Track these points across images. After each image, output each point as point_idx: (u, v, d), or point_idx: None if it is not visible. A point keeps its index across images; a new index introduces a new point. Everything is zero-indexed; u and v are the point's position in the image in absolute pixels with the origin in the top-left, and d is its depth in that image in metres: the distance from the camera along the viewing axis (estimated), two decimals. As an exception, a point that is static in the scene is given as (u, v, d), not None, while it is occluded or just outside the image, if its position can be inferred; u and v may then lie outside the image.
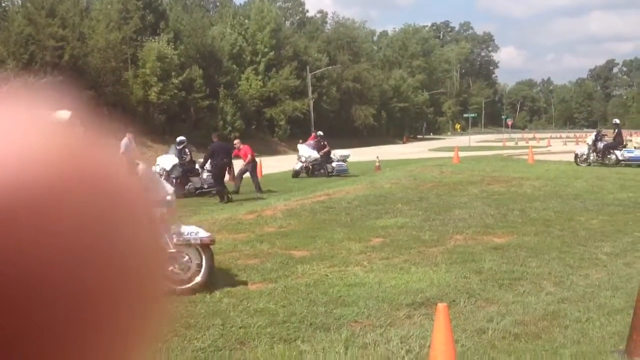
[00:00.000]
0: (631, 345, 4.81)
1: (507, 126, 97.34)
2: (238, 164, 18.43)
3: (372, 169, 25.19)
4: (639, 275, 5.08)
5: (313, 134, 26.65)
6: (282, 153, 49.88)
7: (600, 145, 23.26)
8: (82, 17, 42.67)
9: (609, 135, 24.38)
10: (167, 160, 18.85)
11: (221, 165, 16.43)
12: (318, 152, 23.90)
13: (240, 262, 8.21)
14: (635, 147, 24.29)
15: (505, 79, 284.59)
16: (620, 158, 23.00)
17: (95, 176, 0.27)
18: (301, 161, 23.76)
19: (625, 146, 23.70)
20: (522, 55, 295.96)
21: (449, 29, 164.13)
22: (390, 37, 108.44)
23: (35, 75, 35.82)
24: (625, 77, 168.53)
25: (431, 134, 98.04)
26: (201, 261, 6.88)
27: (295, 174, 23.60)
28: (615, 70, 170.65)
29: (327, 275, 7.51)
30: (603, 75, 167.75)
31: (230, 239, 9.86)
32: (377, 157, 27.90)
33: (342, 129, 59.92)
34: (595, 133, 24.41)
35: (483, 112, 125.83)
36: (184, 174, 18.31)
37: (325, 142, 24.48)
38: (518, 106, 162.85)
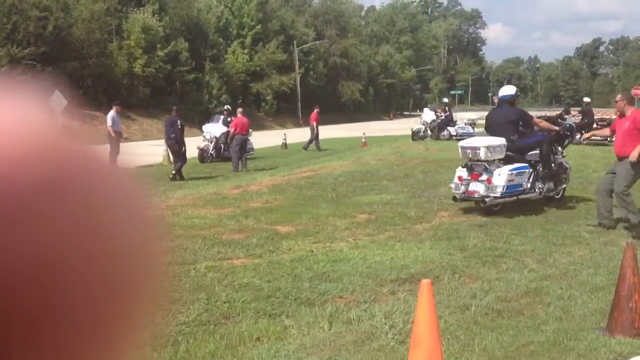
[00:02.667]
0: (612, 322, 4.87)
1: (493, 103, 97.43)
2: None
3: (359, 145, 25.19)
4: (621, 253, 5.12)
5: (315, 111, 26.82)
6: (269, 128, 49.70)
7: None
8: (66, -13, 42.00)
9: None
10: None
11: (180, 140, 16.14)
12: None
13: (225, 237, 8.20)
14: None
15: (492, 56, 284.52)
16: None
17: (87, 172, 0.27)
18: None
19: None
20: (509, 32, 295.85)
21: (437, 5, 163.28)
22: (378, 12, 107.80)
23: (19, 46, 35.30)
24: (611, 55, 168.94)
25: (418, 110, 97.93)
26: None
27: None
28: (601, 48, 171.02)
29: (312, 251, 7.52)
30: (590, 53, 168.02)
31: (216, 213, 9.84)
32: (364, 133, 27.89)
33: (328, 104, 59.60)
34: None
35: (470, 89, 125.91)
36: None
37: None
38: (505, 83, 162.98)
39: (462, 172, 9.68)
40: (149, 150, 20.31)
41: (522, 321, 5.22)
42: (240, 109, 20.10)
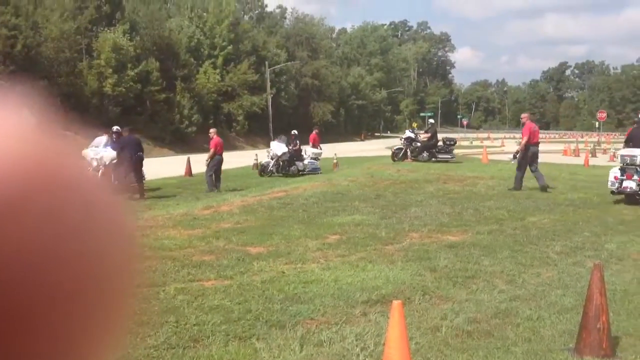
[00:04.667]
0: (581, 343, 4.92)
1: (462, 126, 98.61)
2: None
3: (330, 165, 25.24)
4: (589, 274, 5.18)
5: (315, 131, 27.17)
6: (240, 148, 49.57)
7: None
8: (35, 6, 41.65)
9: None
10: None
11: (137, 159, 16.05)
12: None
13: (195, 258, 8.13)
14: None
15: (461, 79, 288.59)
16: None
17: (63, 175, 0.28)
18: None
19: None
20: (477, 56, 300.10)
21: (407, 28, 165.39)
22: (349, 34, 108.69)
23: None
24: (577, 79, 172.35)
25: (389, 132, 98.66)
26: None
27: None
28: (567, 72, 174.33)
29: (283, 272, 7.48)
30: (556, 77, 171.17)
31: (186, 234, 9.76)
32: (335, 154, 27.96)
33: (300, 125, 59.74)
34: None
35: (439, 111, 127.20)
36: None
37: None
38: (473, 106, 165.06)
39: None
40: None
41: (492, 342, 5.24)
42: (213, 130, 20.00)
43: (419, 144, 25.45)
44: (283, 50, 65.43)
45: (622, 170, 12.99)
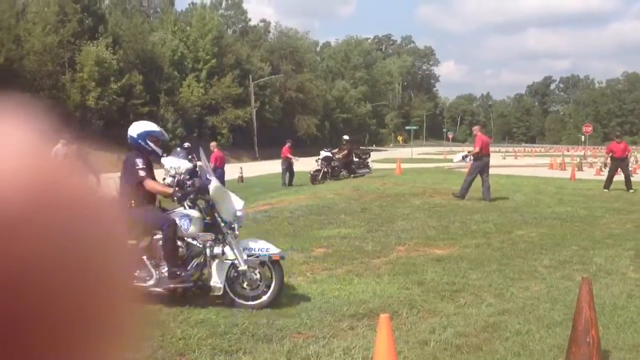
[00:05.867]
0: (570, 357, 4.87)
1: (448, 139, 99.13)
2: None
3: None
4: (577, 288, 5.15)
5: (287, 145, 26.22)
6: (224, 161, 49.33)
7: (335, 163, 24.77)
8: (17, 19, 41.43)
9: (340, 153, 25.39)
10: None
11: None
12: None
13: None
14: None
15: (446, 92, 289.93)
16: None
17: (68, 192, 0.28)
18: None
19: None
20: (462, 69, 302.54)
21: (391, 42, 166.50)
22: (333, 48, 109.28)
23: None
24: (562, 93, 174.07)
25: (374, 145, 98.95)
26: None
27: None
28: (552, 86, 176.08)
29: (269, 286, 7.39)
30: (541, 91, 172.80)
31: (170, 248, 9.62)
32: (320, 167, 27.89)
33: (285, 138, 59.46)
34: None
35: (425, 124, 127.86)
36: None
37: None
38: (458, 120, 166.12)
39: None
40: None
41: (481, 356, 5.19)
42: (214, 143, 20.31)
43: (337, 163, 24.65)
44: (267, 63, 65.53)
45: None
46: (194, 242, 6.64)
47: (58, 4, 42.77)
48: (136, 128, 6.97)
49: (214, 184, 6.83)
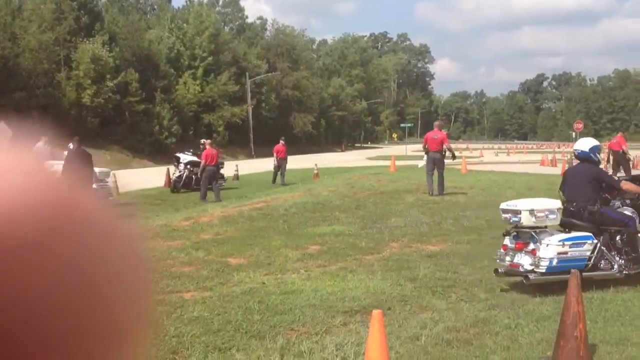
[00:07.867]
0: (558, 351, 4.95)
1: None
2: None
3: (310, 176, 25.25)
4: (566, 282, 5.23)
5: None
6: (220, 159, 49.33)
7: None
8: (13, 17, 41.34)
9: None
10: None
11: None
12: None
13: (174, 269, 8.09)
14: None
15: (440, 90, 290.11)
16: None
17: (81, 216, 0.28)
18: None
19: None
20: (456, 67, 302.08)
21: (387, 40, 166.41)
22: (330, 45, 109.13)
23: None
24: (554, 90, 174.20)
25: (369, 142, 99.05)
26: None
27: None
28: (545, 84, 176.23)
29: (263, 283, 7.48)
30: (533, 88, 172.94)
31: (165, 246, 9.70)
32: (316, 164, 27.99)
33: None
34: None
35: (419, 122, 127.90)
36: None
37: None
38: (453, 117, 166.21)
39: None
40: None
41: (472, 351, 5.27)
42: (208, 140, 20.11)
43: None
44: (264, 61, 65.47)
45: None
46: None
47: (54, 2, 42.65)
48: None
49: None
